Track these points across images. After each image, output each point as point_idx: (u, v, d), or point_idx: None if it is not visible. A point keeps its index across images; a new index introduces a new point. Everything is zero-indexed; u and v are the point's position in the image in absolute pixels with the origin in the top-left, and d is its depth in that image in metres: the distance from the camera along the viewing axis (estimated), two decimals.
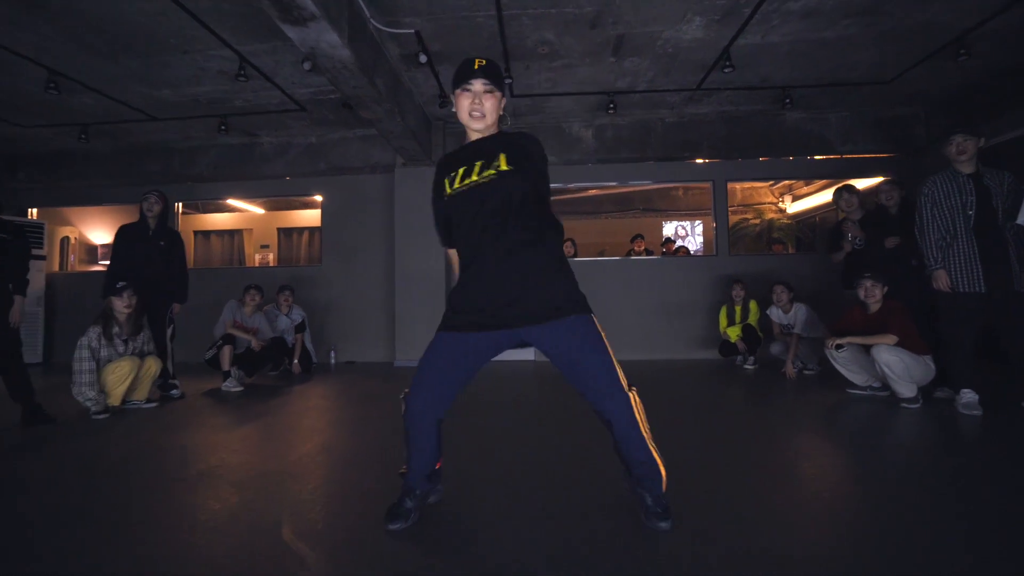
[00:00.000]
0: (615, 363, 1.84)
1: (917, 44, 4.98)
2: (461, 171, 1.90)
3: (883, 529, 1.83)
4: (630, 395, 1.82)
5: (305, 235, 9.99)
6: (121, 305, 4.08)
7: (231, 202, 9.38)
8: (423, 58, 4.86)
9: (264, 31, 4.62)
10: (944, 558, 1.64)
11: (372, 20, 4.37)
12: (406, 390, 1.96)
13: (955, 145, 3.56)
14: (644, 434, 1.83)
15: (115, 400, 4.03)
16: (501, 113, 1.96)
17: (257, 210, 10.19)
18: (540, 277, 1.84)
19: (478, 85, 1.89)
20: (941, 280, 3.58)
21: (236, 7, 4.25)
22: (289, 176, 7.58)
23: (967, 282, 3.52)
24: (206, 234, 10.23)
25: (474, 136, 1.98)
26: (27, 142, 7.29)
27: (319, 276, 7.51)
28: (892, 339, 3.83)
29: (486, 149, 1.91)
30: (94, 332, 3.99)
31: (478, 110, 1.90)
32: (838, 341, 4.14)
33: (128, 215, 9.56)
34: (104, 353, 4.00)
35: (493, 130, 1.98)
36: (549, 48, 5.01)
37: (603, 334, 1.88)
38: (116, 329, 4.08)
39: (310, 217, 9.99)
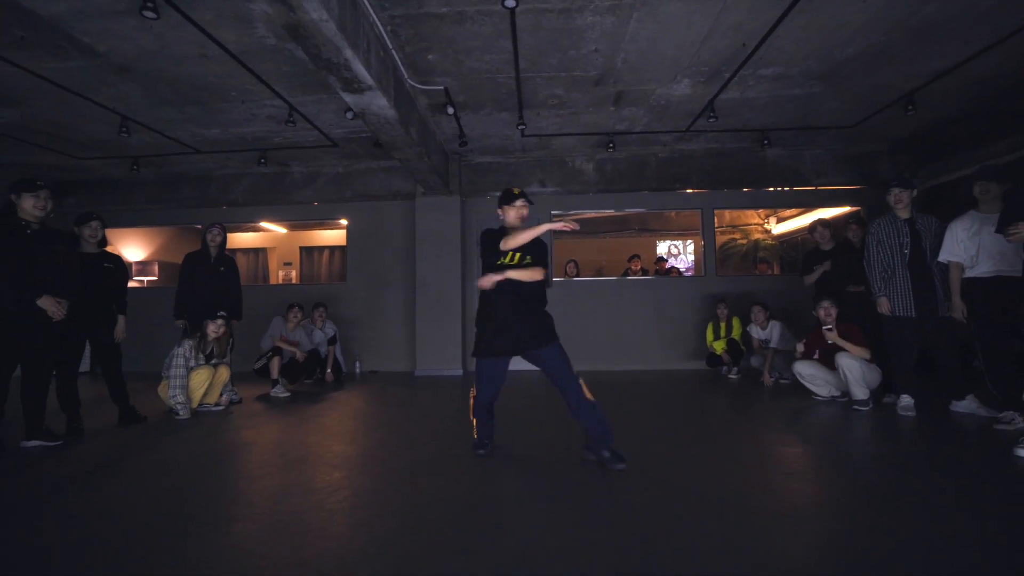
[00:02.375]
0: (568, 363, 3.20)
1: (873, 99, 5.82)
2: (512, 254, 3.23)
3: (839, 507, 2.60)
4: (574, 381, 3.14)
5: (326, 254, 10.72)
6: (211, 328, 4.83)
7: (259, 223, 10.11)
8: (451, 110, 5.64)
9: (314, 87, 5.39)
10: (886, 528, 2.40)
11: (409, 80, 5.16)
12: (473, 390, 3.09)
13: (893, 196, 4.37)
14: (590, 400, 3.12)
15: (193, 403, 4.76)
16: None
17: (280, 230, 10.92)
18: (541, 321, 3.26)
19: (520, 203, 3.27)
20: (883, 306, 4.38)
21: (293, 68, 5.01)
22: (317, 202, 8.34)
23: (903, 307, 4.31)
24: (231, 252, 10.92)
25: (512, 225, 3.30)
26: (79, 171, 8.02)
27: (344, 293, 8.25)
28: (866, 352, 4.64)
29: (524, 249, 3.22)
30: (188, 344, 4.73)
31: (520, 215, 3.28)
32: (834, 338, 4.78)
33: (159, 235, 10.34)
34: (192, 363, 4.74)
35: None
36: (558, 100, 5.81)
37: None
38: (203, 346, 4.82)
39: (331, 237, 10.73)
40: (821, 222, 5.74)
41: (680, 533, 2.17)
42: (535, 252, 3.25)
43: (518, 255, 3.23)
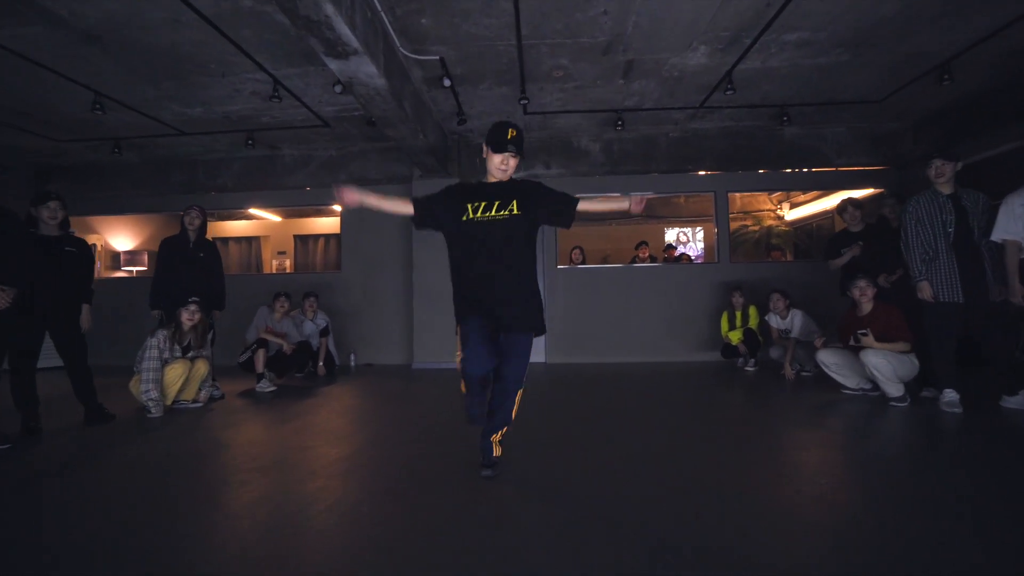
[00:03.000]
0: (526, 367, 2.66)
1: (904, 70, 5.36)
2: (482, 205, 2.58)
3: (877, 521, 2.20)
4: (519, 391, 2.66)
5: (321, 242, 10.34)
6: (184, 316, 4.44)
7: (250, 210, 9.72)
8: (447, 82, 5.22)
9: (299, 57, 4.97)
10: (931, 540, 2.00)
11: (402, 49, 4.73)
12: (459, 353, 2.62)
13: (934, 168, 3.94)
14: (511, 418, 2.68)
15: (168, 400, 4.38)
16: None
17: (274, 217, 10.54)
18: (526, 301, 2.63)
19: (508, 151, 2.57)
20: (925, 291, 3.95)
21: (275, 36, 4.59)
22: (309, 187, 7.93)
23: (947, 292, 3.89)
24: (224, 240, 10.57)
25: (494, 179, 2.67)
26: (60, 155, 7.63)
27: (338, 282, 7.86)
28: (906, 346, 4.20)
29: (504, 193, 2.61)
30: (162, 335, 4.35)
31: (505, 166, 2.61)
32: (870, 343, 4.29)
33: (150, 223, 9.95)
34: (166, 355, 4.36)
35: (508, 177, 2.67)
36: (563, 72, 5.37)
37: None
38: (178, 337, 4.44)
39: (326, 224, 10.34)
40: (852, 201, 5.30)
41: (693, 534, 1.78)
42: (522, 195, 2.61)
43: (496, 203, 2.56)
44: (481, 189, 2.65)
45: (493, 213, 2.55)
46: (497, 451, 2.69)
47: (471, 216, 2.56)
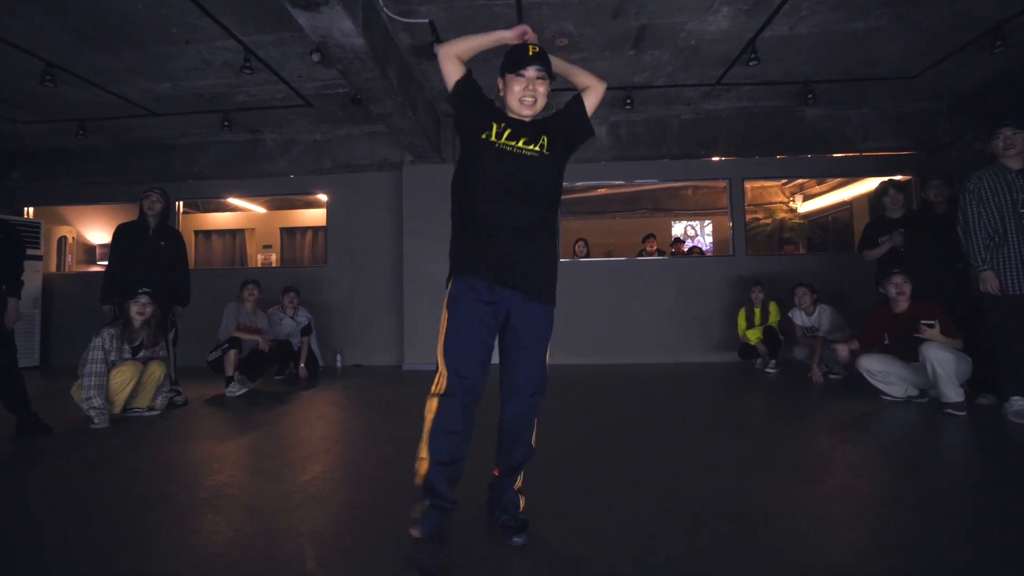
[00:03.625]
0: (547, 359, 1.93)
1: (950, 35, 4.79)
2: (508, 131, 1.90)
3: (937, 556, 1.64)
4: (540, 397, 1.89)
5: (308, 235, 9.78)
6: (135, 310, 3.88)
7: (233, 201, 9.17)
8: (437, 48, 4.65)
9: (271, 20, 4.41)
10: None
11: (385, 9, 4.17)
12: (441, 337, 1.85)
13: (1003, 139, 3.38)
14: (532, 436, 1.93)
15: (116, 408, 3.82)
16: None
17: (259, 209, 9.98)
18: (547, 263, 1.94)
19: (532, 72, 1.89)
20: (990, 282, 3.39)
21: None
22: (293, 174, 7.37)
23: (1018, 284, 3.33)
24: (207, 234, 10.01)
25: (517, 116, 1.96)
26: (23, 139, 7.07)
27: (324, 277, 7.30)
28: (959, 343, 3.69)
29: (533, 129, 1.95)
30: (108, 333, 3.80)
31: (531, 95, 1.90)
32: (933, 335, 3.72)
33: (127, 214, 9.34)
34: (113, 357, 3.80)
35: (533, 115, 1.96)
36: (568, 40, 4.81)
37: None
38: (128, 335, 3.88)
39: (313, 217, 9.78)
40: (894, 184, 4.78)
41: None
42: (550, 132, 1.96)
43: (523, 137, 1.90)
44: (505, 115, 1.98)
45: (520, 145, 1.89)
46: (522, 503, 1.93)
47: (492, 138, 1.89)
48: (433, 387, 1.77)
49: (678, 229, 11.11)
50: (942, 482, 2.43)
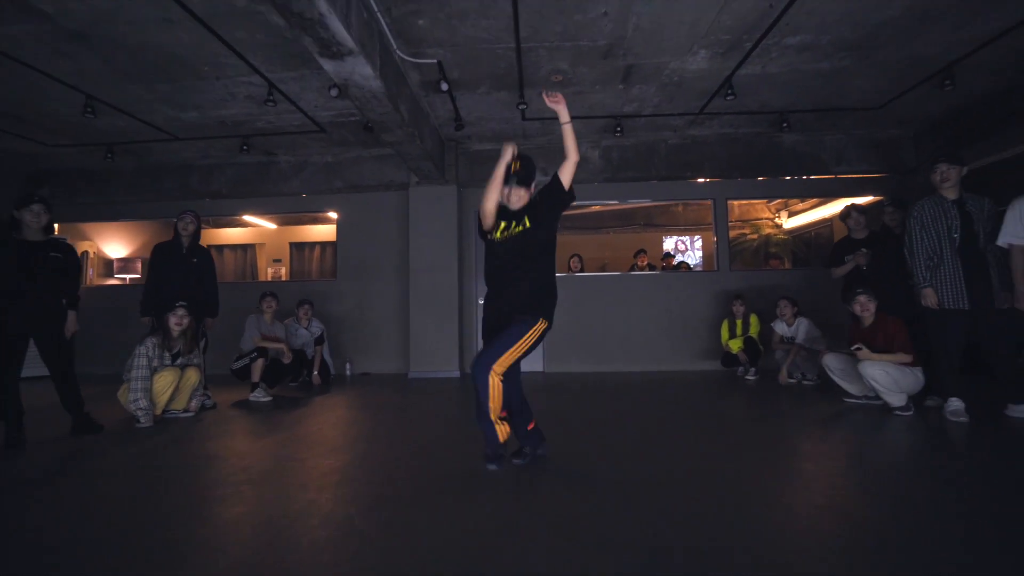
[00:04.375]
0: (510, 350, 2.69)
1: (906, 74, 5.32)
2: (503, 225, 2.88)
3: (878, 532, 2.10)
4: (491, 377, 2.66)
5: (317, 250, 10.24)
6: (173, 322, 4.34)
7: (245, 217, 9.63)
8: (444, 86, 5.15)
9: (295, 60, 4.90)
10: (942, 554, 1.91)
11: (398, 51, 4.67)
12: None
13: (939, 173, 3.87)
14: (488, 406, 2.69)
15: (157, 409, 4.27)
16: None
17: (269, 225, 10.44)
18: (526, 297, 2.83)
19: (511, 184, 2.83)
20: (929, 298, 3.87)
21: (270, 38, 4.53)
22: (305, 193, 7.84)
23: (952, 299, 3.81)
24: (219, 248, 10.47)
25: (512, 208, 2.90)
26: (51, 160, 7.53)
27: (333, 290, 7.76)
28: (907, 357, 4.11)
29: (518, 214, 2.86)
30: (150, 342, 4.25)
31: (516, 201, 2.87)
32: (865, 356, 4.22)
33: (145, 230, 9.86)
34: (155, 363, 4.25)
35: (523, 204, 2.88)
36: (562, 76, 5.32)
37: (531, 336, 2.75)
38: (167, 344, 4.34)
39: (322, 232, 10.25)
40: (856, 207, 5.22)
41: (697, 558, 1.68)
42: (533, 213, 2.84)
43: (513, 223, 2.85)
44: (507, 211, 2.91)
45: (512, 230, 2.84)
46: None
47: (496, 236, 2.88)
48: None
49: (669, 244, 11.60)
50: (883, 467, 2.90)
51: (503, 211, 2.91)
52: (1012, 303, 3.65)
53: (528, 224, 2.81)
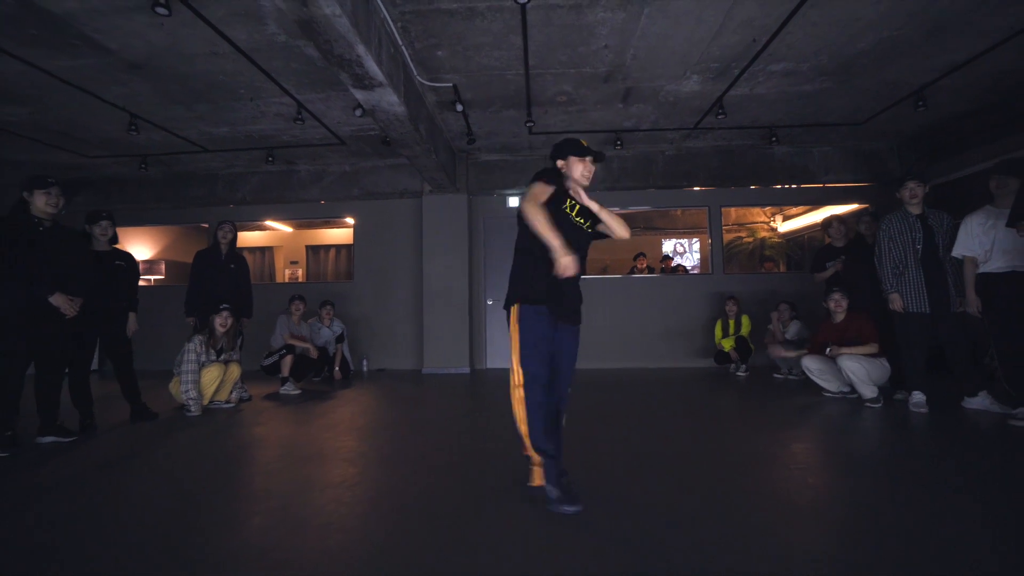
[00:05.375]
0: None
1: (883, 96, 5.80)
2: (577, 207, 2.58)
3: (844, 506, 2.59)
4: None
5: (332, 252, 10.73)
6: (218, 322, 4.84)
7: (265, 222, 10.12)
8: (459, 107, 5.63)
9: (322, 85, 5.38)
10: (902, 524, 2.39)
11: (418, 77, 5.15)
12: (518, 380, 2.54)
13: (908, 190, 4.35)
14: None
15: (204, 400, 4.77)
16: None
17: (286, 228, 10.93)
18: (580, 302, 2.67)
19: (590, 162, 2.59)
20: (896, 302, 4.36)
21: (303, 66, 5.01)
22: (324, 200, 8.35)
23: (915, 303, 4.29)
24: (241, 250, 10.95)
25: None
26: (86, 169, 8.03)
27: (350, 291, 8.25)
28: (874, 347, 4.64)
29: (585, 210, 2.60)
30: (198, 340, 4.75)
31: (588, 177, 2.59)
32: (841, 351, 4.74)
33: (166, 234, 10.36)
34: (203, 359, 4.75)
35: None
36: (567, 97, 5.80)
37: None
38: (212, 342, 4.84)
39: (337, 235, 10.74)
40: (837, 218, 5.69)
41: (691, 532, 2.16)
42: (589, 217, 2.63)
43: (583, 217, 2.61)
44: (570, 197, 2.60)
45: (582, 220, 2.60)
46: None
47: (570, 212, 2.56)
48: (518, 398, 2.50)
49: (668, 246, 12.06)
50: (854, 451, 3.38)
51: (564, 194, 2.57)
52: (964, 307, 4.13)
53: (588, 229, 2.64)
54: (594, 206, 2.53)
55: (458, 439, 3.73)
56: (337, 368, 6.90)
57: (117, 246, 4.46)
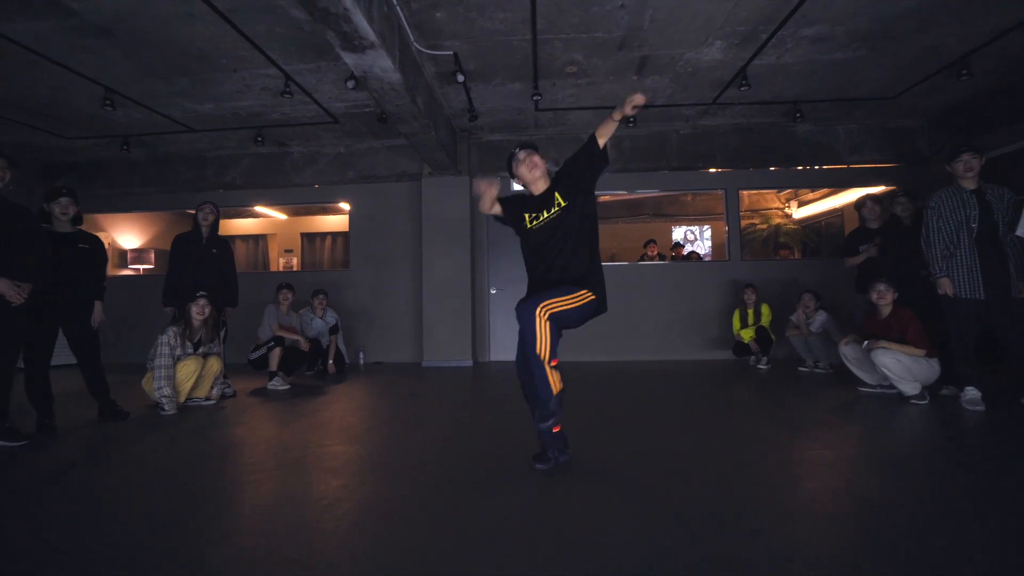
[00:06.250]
0: (557, 298, 2.46)
1: (921, 65, 5.32)
2: (533, 214, 2.70)
3: (892, 524, 2.16)
4: (537, 316, 2.39)
5: (328, 240, 10.31)
6: (195, 311, 4.42)
7: (258, 208, 9.69)
8: (460, 78, 5.18)
9: (312, 52, 4.94)
10: (956, 551, 1.96)
11: (416, 44, 4.70)
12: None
13: (963, 163, 3.88)
14: (537, 349, 2.40)
15: (181, 397, 4.35)
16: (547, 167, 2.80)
17: (281, 215, 10.50)
18: (574, 273, 2.64)
19: (522, 154, 2.75)
20: (945, 287, 3.90)
21: (289, 31, 4.56)
22: (318, 184, 7.90)
23: (968, 289, 3.84)
24: (231, 239, 10.53)
25: (536, 191, 2.76)
26: (68, 152, 7.61)
27: (346, 280, 7.83)
28: (920, 352, 4.12)
29: (546, 196, 2.70)
30: (172, 331, 4.33)
31: (534, 171, 2.73)
32: (878, 345, 4.25)
33: (158, 221, 9.93)
34: (178, 352, 4.33)
35: (545, 182, 2.75)
36: (577, 67, 5.34)
37: (579, 297, 2.54)
38: (189, 333, 4.42)
39: (333, 223, 10.31)
40: (871, 197, 5.26)
41: (710, 537, 1.74)
42: (564, 188, 2.65)
43: (544, 209, 2.65)
44: (530, 199, 2.77)
45: (544, 216, 2.66)
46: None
47: (528, 225, 2.71)
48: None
49: (678, 234, 11.60)
50: (906, 459, 2.94)
51: (524, 202, 2.76)
52: None
53: (562, 203, 2.62)
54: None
55: (456, 438, 3.31)
56: (331, 361, 6.48)
57: (82, 228, 4.03)
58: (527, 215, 2.71)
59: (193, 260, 4.92)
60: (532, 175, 2.72)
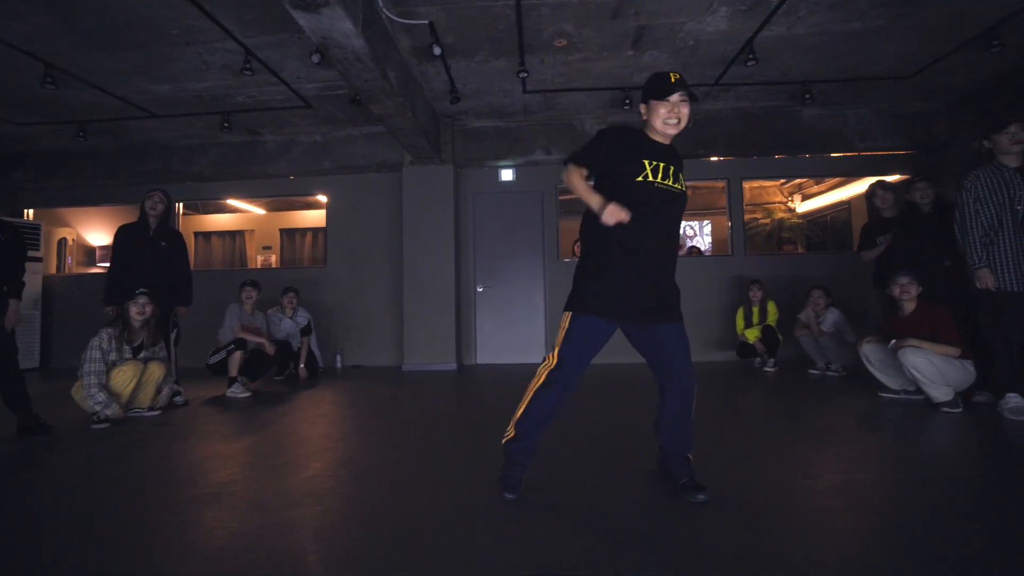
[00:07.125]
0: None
1: (948, 35, 4.83)
2: (662, 167, 2.03)
3: (933, 537, 1.66)
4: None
5: (308, 236, 9.79)
6: (134, 311, 3.91)
7: (232, 203, 9.17)
8: (437, 50, 4.67)
9: (271, 22, 4.44)
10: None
11: (385, 10, 4.19)
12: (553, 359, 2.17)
13: (1009, 136, 3.39)
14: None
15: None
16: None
17: (259, 211, 9.98)
18: (674, 289, 2.18)
19: (676, 97, 2.04)
20: (986, 279, 3.41)
21: None
22: (293, 175, 7.39)
23: (1011, 280, 3.35)
24: (207, 235, 10.02)
25: (656, 138, 2.11)
26: (24, 140, 7.08)
27: (324, 278, 7.32)
28: (956, 352, 3.62)
29: (674, 160, 2.11)
30: (106, 333, 3.82)
31: (676, 121, 2.06)
32: (906, 343, 3.73)
33: (127, 215, 9.35)
34: (112, 357, 3.82)
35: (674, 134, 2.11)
36: (567, 40, 4.84)
37: None
38: (127, 336, 3.90)
39: (313, 218, 9.79)
40: (882, 184, 4.79)
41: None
42: (681, 173, 2.13)
43: (672, 170, 2.06)
44: (654, 147, 2.08)
45: (671, 182, 2.05)
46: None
47: (651, 178, 2.01)
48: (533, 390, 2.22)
49: None
50: (935, 477, 2.44)
51: (650, 144, 2.08)
52: None
53: (683, 186, 2.11)
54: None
55: (434, 462, 2.81)
56: (303, 365, 5.96)
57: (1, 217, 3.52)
58: (648, 162, 2.02)
59: (139, 254, 4.41)
60: (672, 126, 2.06)
